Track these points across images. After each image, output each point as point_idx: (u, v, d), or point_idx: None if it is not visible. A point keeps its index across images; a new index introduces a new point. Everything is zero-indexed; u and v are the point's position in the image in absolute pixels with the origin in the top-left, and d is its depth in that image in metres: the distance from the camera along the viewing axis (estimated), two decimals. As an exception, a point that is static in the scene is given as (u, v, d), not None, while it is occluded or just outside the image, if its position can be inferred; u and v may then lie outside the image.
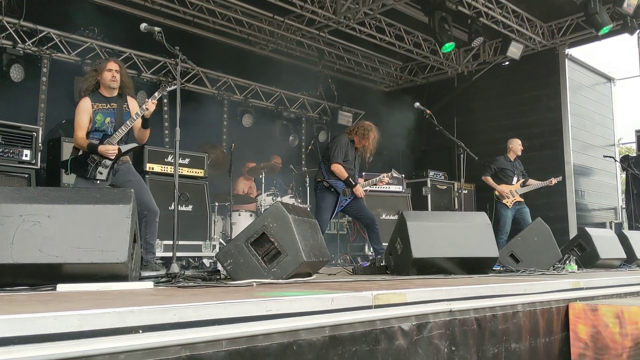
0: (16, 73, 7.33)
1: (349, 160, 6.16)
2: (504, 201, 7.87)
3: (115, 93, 4.62)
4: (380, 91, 12.65)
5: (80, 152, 4.46)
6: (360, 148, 6.30)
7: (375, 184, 6.61)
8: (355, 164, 6.29)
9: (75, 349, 1.45)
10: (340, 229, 8.87)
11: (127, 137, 4.63)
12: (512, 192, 7.91)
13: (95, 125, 4.49)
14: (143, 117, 4.48)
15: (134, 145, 4.67)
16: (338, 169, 6.06)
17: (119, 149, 4.47)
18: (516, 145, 8.15)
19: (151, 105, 4.42)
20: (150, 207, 4.54)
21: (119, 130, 4.51)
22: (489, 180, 8.00)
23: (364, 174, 7.59)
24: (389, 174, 6.59)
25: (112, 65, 4.55)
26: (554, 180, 7.96)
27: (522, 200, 7.98)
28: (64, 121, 7.48)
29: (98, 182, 4.43)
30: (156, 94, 4.52)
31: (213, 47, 9.53)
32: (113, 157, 4.46)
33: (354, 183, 6.08)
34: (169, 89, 4.42)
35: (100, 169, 4.43)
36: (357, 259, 8.18)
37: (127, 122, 4.52)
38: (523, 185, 8.03)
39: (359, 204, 6.29)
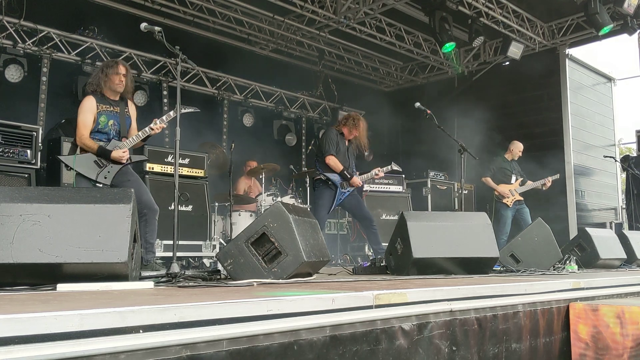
0: (12, 73, 7.32)
1: (340, 152, 6.19)
2: (504, 200, 7.87)
3: (118, 96, 4.65)
4: (381, 91, 12.65)
5: (81, 151, 4.46)
6: (353, 140, 6.32)
7: (373, 177, 6.61)
8: (349, 155, 6.31)
9: (75, 349, 1.45)
10: (340, 229, 8.87)
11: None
12: (511, 191, 7.92)
13: (99, 127, 4.50)
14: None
15: (143, 158, 4.92)
16: (332, 160, 6.09)
17: (129, 158, 4.58)
18: (516, 150, 8.17)
19: (159, 127, 4.52)
20: (150, 205, 4.55)
21: (129, 139, 4.58)
22: (489, 181, 8.01)
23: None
24: (388, 167, 6.59)
25: (121, 69, 4.57)
26: (549, 181, 7.91)
27: (522, 199, 7.98)
28: (63, 120, 7.48)
29: (100, 184, 4.45)
30: (164, 117, 4.56)
31: (213, 47, 9.54)
32: (124, 163, 4.52)
33: (349, 175, 6.09)
34: (183, 111, 4.36)
35: (106, 172, 4.44)
36: (358, 259, 8.17)
37: (139, 133, 4.58)
38: (522, 184, 8.03)
39: (357, 202, 6.30)
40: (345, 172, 6.09)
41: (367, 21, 9.63)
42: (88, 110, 4.47)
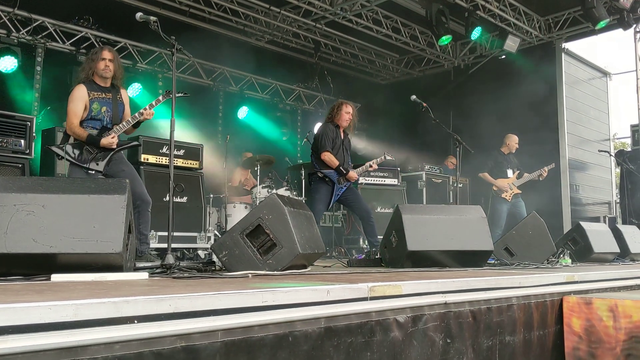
0: (6, 63, 7.26)
1: (336, 146, 6.19)
2: (503, 195, 7.88)
3: (109, 83, 4.64)
4: (377, 84, 12.63)
5: (73, 140, 4.44)
6: (346, 127, 6.33)
7: (367, 170, 6.61)
8: (344, 149, 6.31)
9: (70, 339, 1.44)
10: (335, 222, 8.87)
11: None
12: (509, 185, 7.94)
13: (92, 114, 4.48)
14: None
15: (134, 143, 4.90)
16: (328, 157, 6.09)
17: (119, 144, 4.55)
18: (512, 142, 8.18)
19: (149, 114, 4.51)
20: (143, 197, 4.53)
21: (119, 126, 4.55)
22: (487, 176, 8.00)
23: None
24: (382, 157, 6.59)
25: (106, 54, 4.55)
26: (545, 171, 7.94)
27: (520, 192, 8.01)
28: (49, 107, 7.46)
29: (93, 172, 4.43)
30: (154, 102, 4.54)
31: (209, 38, 9.48)
32: (114, 149, 4.50)
33: (345, 171, 6.10)
34: (171, 96, 4.38)
35: (97, 160, 4.43)
36: (352, 252, 8.18)
37: (129, 119, 4.56)
38: (519, 177, 8.05)
39: (355, 195, 6.31)
40: (341, 167, 6.09)
41: (363, 13, 9.60)
42: (78, 98, 4.45)
